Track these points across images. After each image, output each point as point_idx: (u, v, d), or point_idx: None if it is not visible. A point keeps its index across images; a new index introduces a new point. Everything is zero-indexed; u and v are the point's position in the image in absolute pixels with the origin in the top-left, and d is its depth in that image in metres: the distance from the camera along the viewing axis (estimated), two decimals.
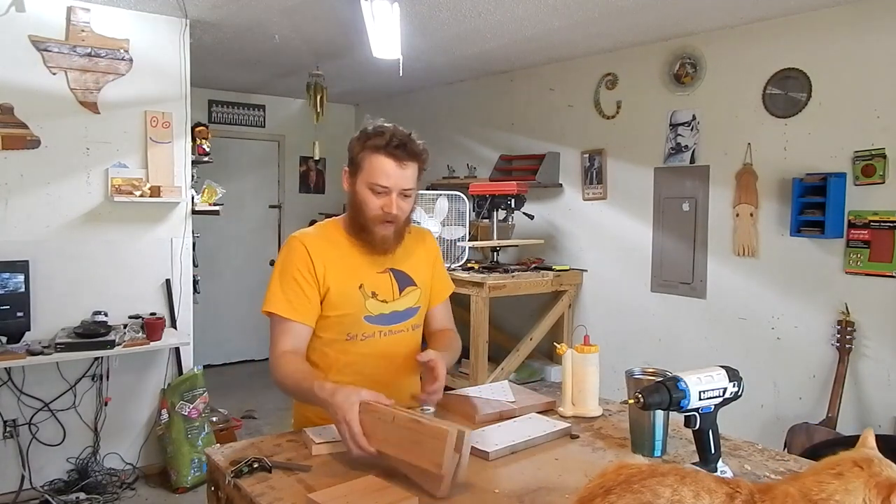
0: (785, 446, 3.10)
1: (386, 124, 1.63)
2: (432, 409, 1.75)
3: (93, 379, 3.47)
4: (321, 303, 1.65)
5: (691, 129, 3.79)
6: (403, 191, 1.62)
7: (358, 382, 1.48)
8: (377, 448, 1.31)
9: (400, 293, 1.72)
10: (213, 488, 1.44)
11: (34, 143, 3.26)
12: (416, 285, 1.75)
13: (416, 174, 1.64)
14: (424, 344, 1.84)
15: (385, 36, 3.11)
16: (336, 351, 1.68)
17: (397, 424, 1.31)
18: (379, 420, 1.33)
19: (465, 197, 4.38)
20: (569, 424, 1.59)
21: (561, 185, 4.57)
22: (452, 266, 4.29)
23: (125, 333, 3.31)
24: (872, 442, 0.96)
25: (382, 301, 1.69)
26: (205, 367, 3.85)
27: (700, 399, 1.22)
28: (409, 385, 1.74)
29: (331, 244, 1.68)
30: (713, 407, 1.24)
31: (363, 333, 1.67)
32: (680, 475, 0.87)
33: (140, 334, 3.33)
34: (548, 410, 1.72)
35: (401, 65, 3.39)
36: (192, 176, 3.83)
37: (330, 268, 1.64)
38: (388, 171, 1.59)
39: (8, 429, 3.26)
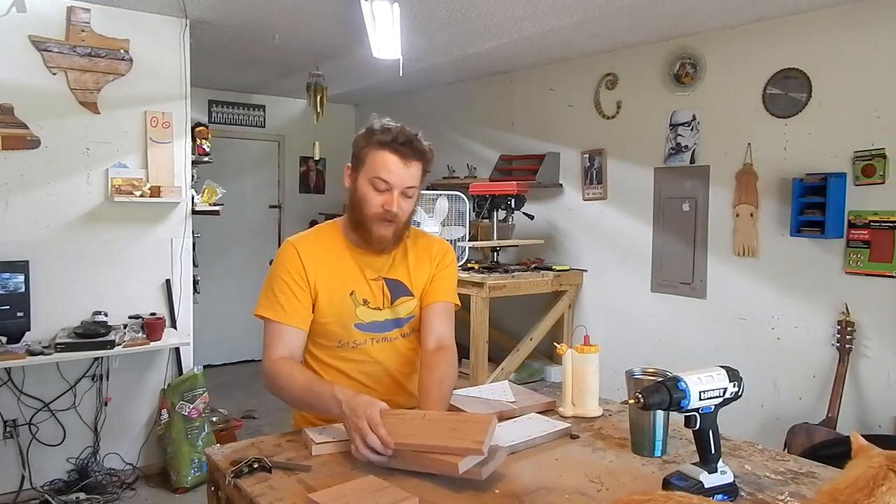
0: (785, 446, 3.10)
1: (392, 123, 1.60)
2: None
3: (93, 379, 3.47)
4: (312, 308, 1.63)
5: (691, 129, 3.79)
6: (406, 189, 1.58)
7: (351, 389, 1.48)
8: (396, 441, 1.30)
9: (392, 302, 1.68)
10: (213, 488, 1.44)
11: (34, 143, 3.26)
12: (412, 295, 1.71)
13: (419, 174, 1.60)
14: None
15: (385, 36, 3.11)
16: (328, 357, 1.67)
17: (429, 419, 1.38)
18: (404, 420, 1.37)
19: (465, 197, 4.38)
20: (569, 424, 1.58)
21: (561, 185, 4.57)
22: None
23: (125, 333, 3.31)
24: (864, 441, 0.98)
25: (375, 309, 1.66)
26: (205, 367, 3.85)
27: (700, 399, 1.22)
28: (403, 391, 1.72)
29: (325, 249, 1.66)
30: (713, 407, 1.24)
31: (353, 341, 1.65)
32: None
33: (140, 334, 3.33)
34: (548, 410, 1.72)
35: (401, 65, 3.39)
36: (192, 176, 3.83)
37: (321, 273, 1.62)
38: (391, 167, 1.55)
39: (8, 429, 3.26)
